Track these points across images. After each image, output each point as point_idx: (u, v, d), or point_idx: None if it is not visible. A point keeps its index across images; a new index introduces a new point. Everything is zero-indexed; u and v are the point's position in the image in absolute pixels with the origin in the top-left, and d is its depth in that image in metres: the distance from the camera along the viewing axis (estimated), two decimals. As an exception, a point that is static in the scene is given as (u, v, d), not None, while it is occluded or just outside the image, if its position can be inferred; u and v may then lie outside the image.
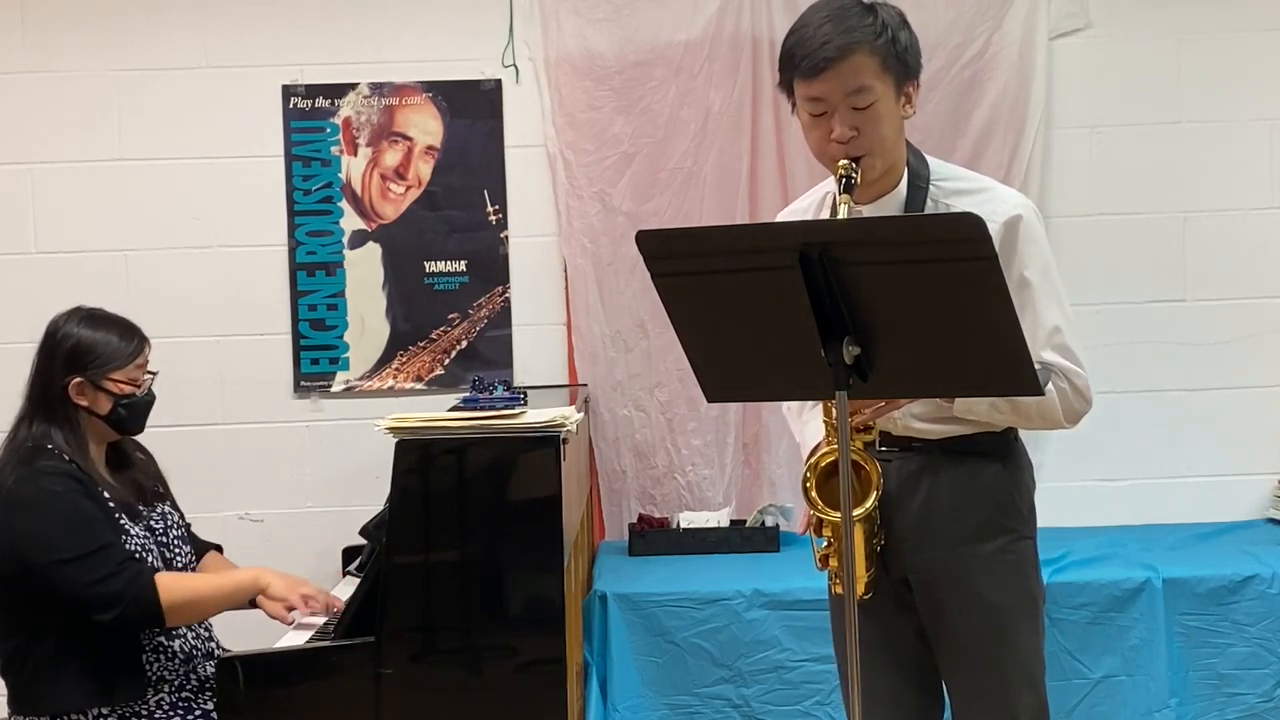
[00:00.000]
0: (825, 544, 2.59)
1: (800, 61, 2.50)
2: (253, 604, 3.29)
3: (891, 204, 2.59)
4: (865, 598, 2.60)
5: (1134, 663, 3.93)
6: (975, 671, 2.64)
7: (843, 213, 2.41)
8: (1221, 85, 4.67)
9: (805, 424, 2.79)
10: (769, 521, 4.43)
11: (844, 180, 2.46)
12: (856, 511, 2.50)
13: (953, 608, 2.63)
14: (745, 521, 4.47)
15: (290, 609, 3.25)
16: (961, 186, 2.62)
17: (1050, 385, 2.53)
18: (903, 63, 2.53)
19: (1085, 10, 4.65)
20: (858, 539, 2.55)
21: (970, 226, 2.13)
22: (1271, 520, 4.61)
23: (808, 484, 2.54)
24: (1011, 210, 2.56)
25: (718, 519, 4.48)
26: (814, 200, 2.78)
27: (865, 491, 2.53)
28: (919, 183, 2.60)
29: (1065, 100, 4.66)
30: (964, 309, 2.19)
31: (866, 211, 2.56)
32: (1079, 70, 4.66)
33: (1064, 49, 4.65)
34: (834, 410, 2.52)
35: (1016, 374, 2.24)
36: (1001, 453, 2.66)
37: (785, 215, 2.87)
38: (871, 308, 2.20)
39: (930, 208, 2.58)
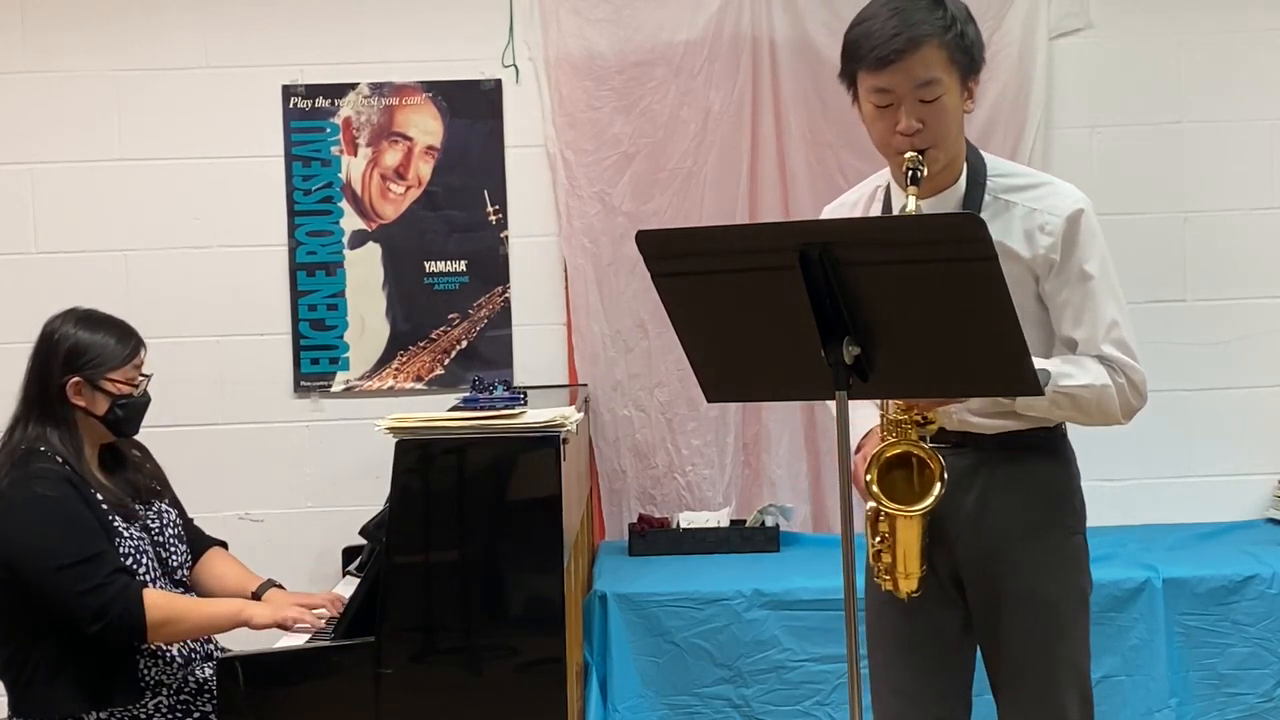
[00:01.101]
0: (880, 539, 2.58)
1: (868, 53, 2.49)
2: None
3: (951, 199, 2.59)
4: (915, 594, 2.61)
5: (1134, 663, 3.93)
6: (1025, 666, 2.64)
7: (911, 205, 2.42)
8: (1221, 85, 4.67)
9: (853, 408, 2.76)
10: (769, 521, 4.43)
11: (910, 173, 2.46)
12: (919, 507, 2.50)
13: (1006, 601, 2.62)
14: (745, 521, 4.47)
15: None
16: (1020, 182, 2.63)
17: (1110, 380, 2.54)
18: (969, 56, 2.53)
19: (1085, 10, 4.65)
20: (914, 535, 2.56)
21: (970, 226, 2.14)
22: (1271, 520, 4.61)
23: (870, 478, 2.52)
24: (1074, 205, 2.57)
25: (718, 519, 4.48)
26: (863, 194, 2.78)
27: (926, 487, 2.52)
28: (977, 178, 2.60)
29: (1065, 100, 4.66)
30: (964, 309, 2.19)
31: (926, 206, 2.55)
32: (1079, 70, 4.66)
33: (1064, 49, 4.65)
34: (888, 404, 2.53)
35: (1016, 374, 2.25)
36: (1053, 448, 2.66)
37: (833, 208, 2.86)
38: (871, 308, 2.20)
39: (988, 203, 2.58)
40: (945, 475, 2.51)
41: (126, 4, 4.61)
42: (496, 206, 4.66)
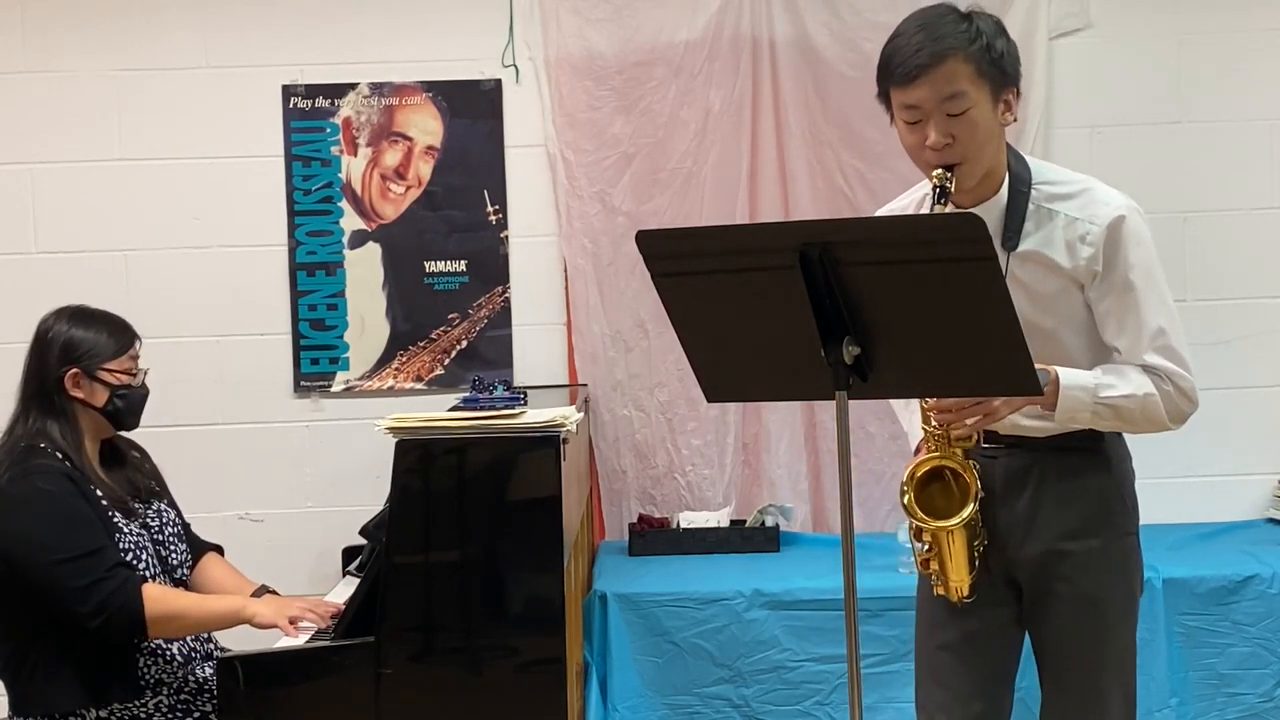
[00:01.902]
0: (926, 548, 2.63)
1: (895, 70, 2.50)
2: None
3: (994, 209, 2.59)
4: (968, 599, 2.65)
5: (1134, 663, 3.93)
6: (1073, 662, 2.66)
7: None
8: (1221, 85, 4.67)
9: (913, 414, 2.77)
10: (769, 521, 4.43)
11: (938, 190, 2.48)
12: (956, 519, 2.55)
13: (1058, 600, 2.65)
14: (745, 521, 4.47)
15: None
16: (1062, 190, 2.62)
17: (1154, 388, 2.55)
18: (999, 69, 2.52)
19: (1085, 10, 4.65)
20: (959, 544, 2.60)
21: (970, 226, 2.14)
22: (1271, 520, 4.61)
23: (905, 494, 2.57)
24: (1114, 212, 2.57)
25: (718, 519, 4.47)
26: (913, 199, 2.79)
27: (964, 498, 2.56)
28: (1021, 187, 2.60)
29: (1065, 100, 4.65)
30: (964, 309, 2.19)
31: None
32: (1079, 70, 4.66)
33: (1064, 49, 4.65)
34: (931, 418, 2.57)
35: (1016, 374, 2.25)
36: (1106, 450, 2.67)
37: (883, 213, 2.86)
38: (871, 308, 2.20)
39: (1031, 213, 2.58)
40: (980, 488, 2.56)
41: (126, 4, 4.61)
42: (496, 206, 4.66)
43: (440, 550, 3.19)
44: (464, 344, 4.67)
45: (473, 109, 4.65)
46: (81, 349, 3.20)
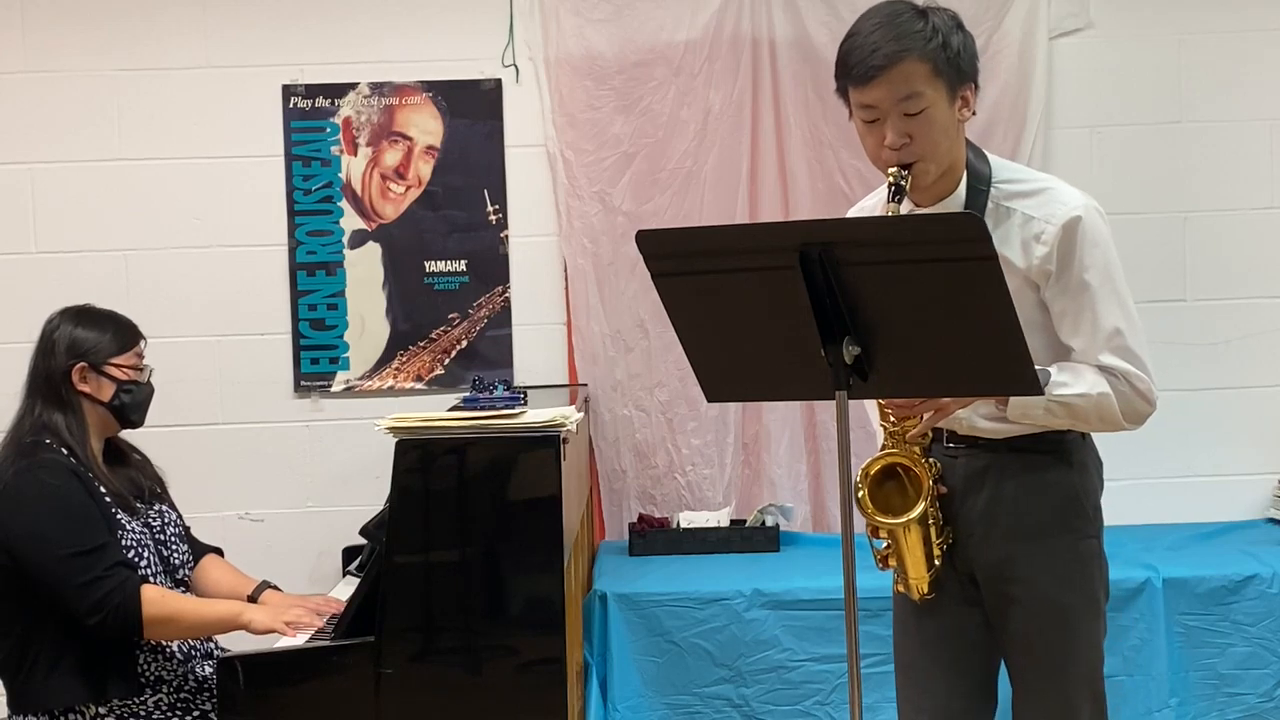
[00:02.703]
0: (884, 545, 2.63)
1: (852, 69, 2.50)
2: None
3: (951, 206, 2.58)
4: (929, 597, 2.65)
5: (1134, 663, 3.93)
6: (1037, 668, 2.65)
7: None
8: (1221, 85, 4.67)
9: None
10: (769, 521, 4.43)
11: (894, 188, 2.46)
12: (901, 519, 2.55)
13: (1017, 604, 2.63)
14: (745, 521, 4.47)
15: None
16: (1022, 189, 2.60)
17: (1109, 388, 2.52)
18: (955, 67, 2.51)
19: (1085, 10, 4.65)
20: (915, 540, 2.59)
21: (970, 226, 2.14)
22: (1271, 520, 4.61)
23: (860, 491, 2.56)
24: (1071, 212, 2.54)
25: (718, 519, 4.47)
26: (880, 199, 2.77)
27: (918, 495, 2.56)
28: (979, 184, 2.58)
29: (1065, 100, 4.66)
30: (964, 309, 2.19)
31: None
32: (1079, 70, 4.66)
33: (1064, 49, 4.65)
34: (889, 414, 2.57)
35: (1016, 374, 2.25)
36: (1068, 451, 2.65)
37: (854, 212, 2.86)
38: (871, 308, 2.20)
39: (990, 210, 2.56)
40: (933, 485, 2.56)
41: (126, 4, 4.61)
42: (496, 206, 4.66)
43: (440, 550, 3.18)
44: (464, 344, 4.67)
45: (473, 109, 4.65)
46: (87, 345, 3.23)
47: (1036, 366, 2.29)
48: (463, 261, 4.66)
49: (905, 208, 2.48)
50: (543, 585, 3.18)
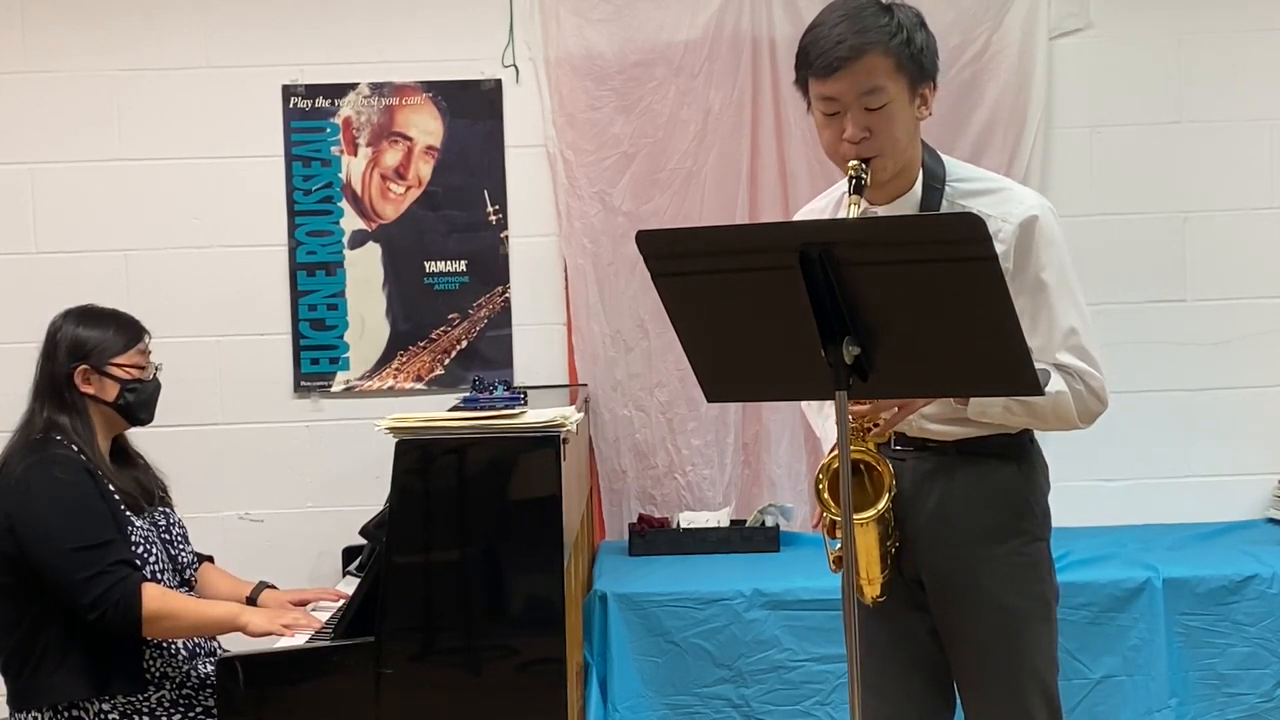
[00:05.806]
0: (839, 545, 2.57)
1: (815, 60, 2.49)
2: None
3: (907, 205, 2.59)
4: (880, 599, 2.61)
5: (1134, 663, 3.93)
6: (987, 673, 2.63)
7: (853, 214, 2.41)
8: (1221, 85, 4.67)
9: (826, 419, 2.77)
10: (769, 521, 4.43)
11: (854, 181, 2.46)
12: (869, 513, 2.51)
13: (965, 609, 2.62)
14: (745, 521, 4.47)
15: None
16: (977, 187, 2.61)
17: (1065, 386, 2.52)
18: (917, 64, 2.51)
19: (1085, 10, 4.65)
20: (871, 540, 2.56)
21: (970, 226, 2.13)
22: (1271, 520, 4.61)
23: (820, 485, 2.54)
24: (1027, 211, 2.54)
25: (718, 519, 4.47)
26: (831, 199, 2.77)
27: (878, 493, 2.53)
28: (934, 183, 2.59)
29: (1065, 100, 4.65)
30: (964, 309, 2.19)
31: (881, 212, 2.56)
32: (1079, 70, 4.66)
33: (1064, 49, 4.65)
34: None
35: (1016, 374, 2.24)
36: (1016, 454, 2.65)
37: (803, 214, 2.86)
38: (872, 308, 2.20)
39: (945, 208, 2.56)
40: (894, 482, 2.53)
41: (126, 4, 4.61)
42: (496, 206, 4.66)
43: (440, 550, 3.18)
44: (464, 344, 4.67)
45: (473, 109, 4.65)
46: (89, 346, 3.24)
47: (1038, 366, 2.29)
48: (463, 262, 4.66)
49: (860, 209, 2.46)
50: (543, 585, 3.18)
